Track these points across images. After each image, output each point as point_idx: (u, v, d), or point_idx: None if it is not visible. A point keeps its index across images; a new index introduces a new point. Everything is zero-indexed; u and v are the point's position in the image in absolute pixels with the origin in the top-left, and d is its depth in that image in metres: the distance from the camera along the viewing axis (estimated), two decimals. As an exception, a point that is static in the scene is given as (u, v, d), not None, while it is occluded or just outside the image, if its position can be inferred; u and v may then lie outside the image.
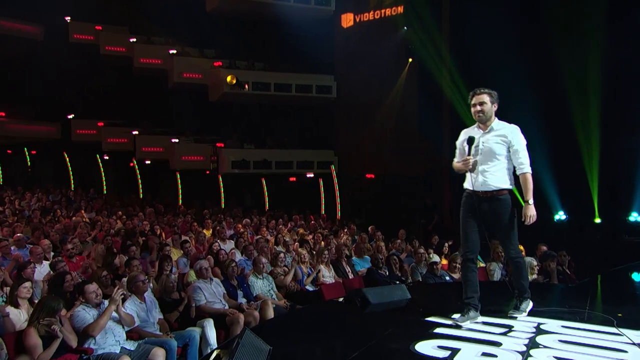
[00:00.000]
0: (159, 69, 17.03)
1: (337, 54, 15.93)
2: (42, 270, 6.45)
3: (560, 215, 10.09)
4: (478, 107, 3.95)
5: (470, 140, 3.97)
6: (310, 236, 9.71)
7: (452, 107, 11.66)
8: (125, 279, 5.70)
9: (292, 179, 16.55)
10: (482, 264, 7.92)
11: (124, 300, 4.84)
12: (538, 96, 9.29)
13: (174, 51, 16.57)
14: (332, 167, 15.27)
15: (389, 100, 14.05)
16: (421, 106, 13.02)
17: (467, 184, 4.04)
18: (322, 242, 9.11)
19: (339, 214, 14.68)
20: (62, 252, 7.10)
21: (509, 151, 3.90)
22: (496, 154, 3.90)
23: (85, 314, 4.42)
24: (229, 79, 14.45)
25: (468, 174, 4.01)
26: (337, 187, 14.68)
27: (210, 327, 5.31)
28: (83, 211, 12.60)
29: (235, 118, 16.52)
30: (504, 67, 8.87)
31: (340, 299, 5.00)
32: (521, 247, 7.56)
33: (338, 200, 14.76)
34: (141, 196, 17.57)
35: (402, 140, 13.58)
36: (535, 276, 6.50)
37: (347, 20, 15.49)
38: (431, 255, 8.10)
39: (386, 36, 14.20)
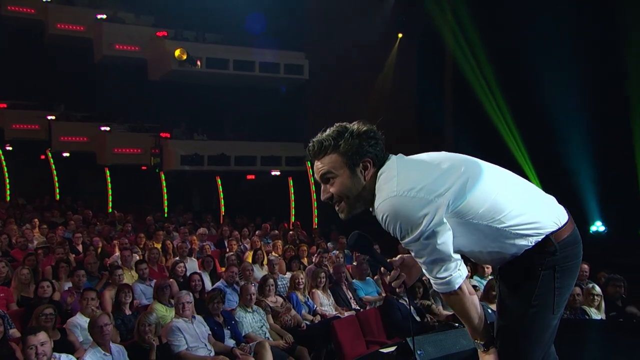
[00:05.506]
0: (82, 37, 15.87)
1: (309, 26, 15.41)
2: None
3: None
4: (325, 192, 2.19)
5: (358, 240, 2.30)
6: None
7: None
8: (76, 319, 4.93)
9: (251, 177, 15.88)
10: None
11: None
12: (587, 72, 8.77)
13: (103, 15, 15.48)
14: (308, 163, 14.72)
15: (377, 84, 13.68)
16: (419, 91, 12.63)
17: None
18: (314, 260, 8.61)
19: (315, 221, 14.16)
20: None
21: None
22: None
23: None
24: (177, 53, 13.59)
25: None
26: (313, 189, 14.08)
27: (198, 382, 4.73)
28: (-15, 219, 11.43)
29: (183, 102, 15.63)
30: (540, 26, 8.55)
31: (388, 350, 4.48)
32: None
33: (315, 204, 14.19)
34: (57, 197, 16.32)
35: (394, 131, 13.18)
36: None
37: (322, -16, 14.96)
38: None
39: (371, 4, 13.80)
